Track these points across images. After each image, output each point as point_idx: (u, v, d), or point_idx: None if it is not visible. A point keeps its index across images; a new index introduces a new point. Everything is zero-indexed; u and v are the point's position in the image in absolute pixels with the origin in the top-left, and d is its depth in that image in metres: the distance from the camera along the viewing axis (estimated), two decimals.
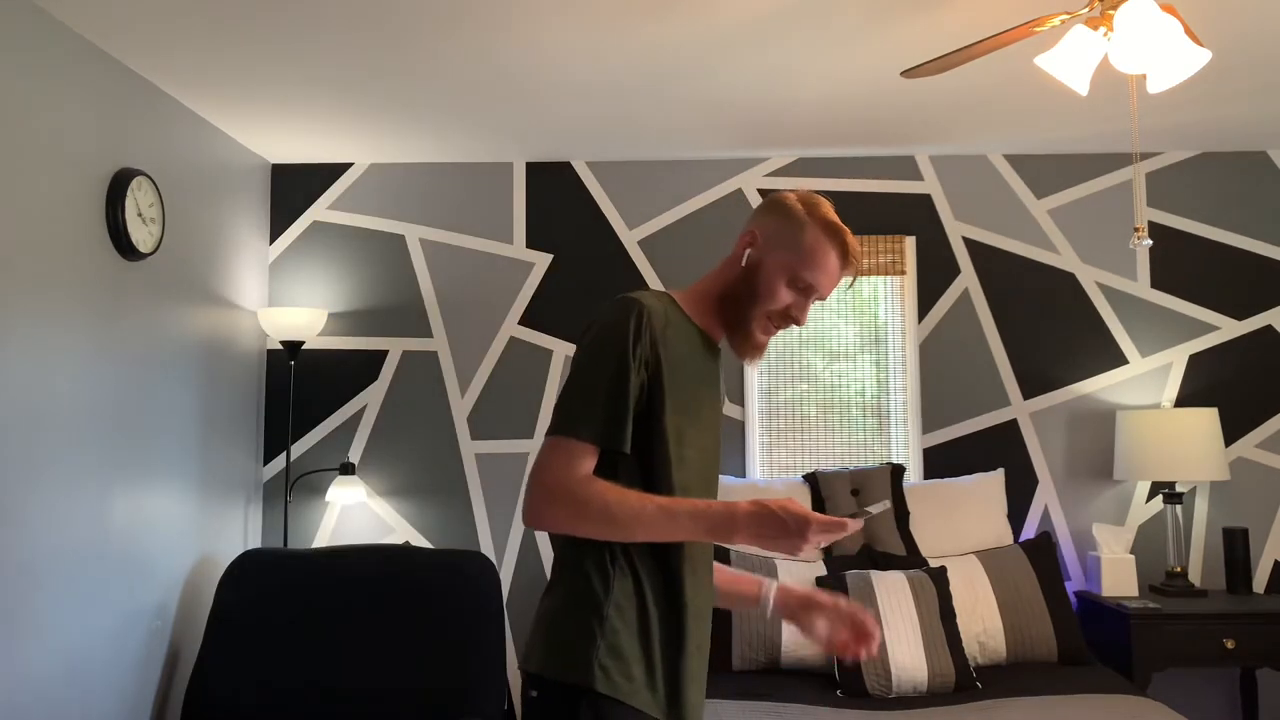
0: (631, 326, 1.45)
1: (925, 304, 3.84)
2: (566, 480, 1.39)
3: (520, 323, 3.90)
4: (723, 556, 3.30)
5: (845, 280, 1.50)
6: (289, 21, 2.64)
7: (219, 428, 3.52)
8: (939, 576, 3.12)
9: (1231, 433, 3.74)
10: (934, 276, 3.85)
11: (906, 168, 3.91)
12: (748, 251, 1.57)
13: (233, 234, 3.65)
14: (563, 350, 3.89)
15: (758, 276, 1.55)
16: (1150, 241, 2.59)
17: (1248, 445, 3.74)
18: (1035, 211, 3.87)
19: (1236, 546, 3.49)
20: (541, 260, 3.92)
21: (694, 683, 1.50)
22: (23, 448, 2.48)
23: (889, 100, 3.27)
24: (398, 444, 3.85)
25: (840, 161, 3.92)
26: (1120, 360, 3.79)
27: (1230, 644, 3.22)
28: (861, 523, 1.39)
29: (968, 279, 3.85)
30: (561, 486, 1.39)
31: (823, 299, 1.58)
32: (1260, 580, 3.69)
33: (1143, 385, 3.78)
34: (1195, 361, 3.78)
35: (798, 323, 1.57)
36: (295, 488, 3.82)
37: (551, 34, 2.73)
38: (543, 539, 3.82)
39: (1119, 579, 3.46)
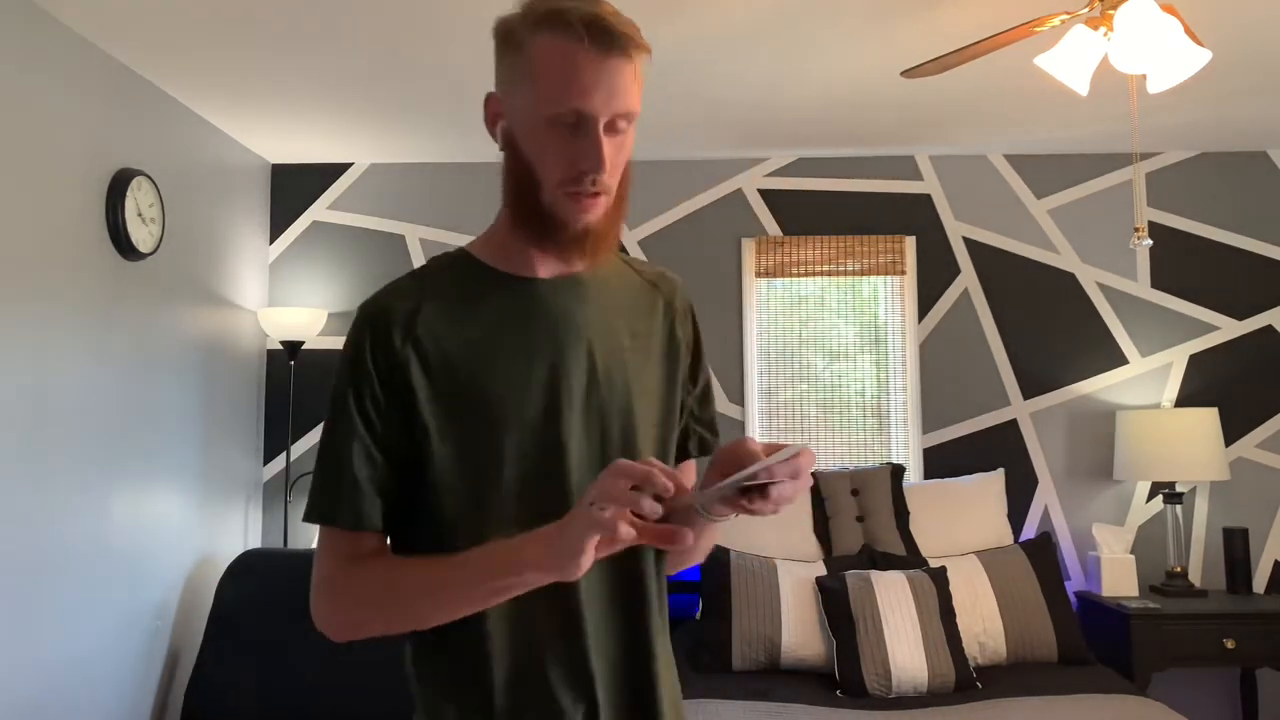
0: (348, 364, 1.07)
1: (925, 304, 3.84)
2: (325, 571, 1.07)
3: None
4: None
5: (623, 63, 1.01)
6: (289, 21, 2.64)
7: (219, 427, 3.52)
8: (939, 577, 3.12)
9: (1231, 433, 3.74)
10: (934, 276, 3.85)
11: (906, 168, 3.91)
12: (499, 126, 1.10)
13: (233, 234, 3.65)
14: None
15: (519, 147, 1.06)
16: (1150, 241, 2.59)
17: (1248, 445, 3.73)
18: (1035, 211, 3.87)
19: (1236, 546, 3.49)
20: None
21: None
22: (23, 447, 2.48)
23: (889, 100, 3.27)
24: None
25: (840, 161, 3.92)
26: (1120, 360, 3.79)
27: (1230, 644, 3.22)
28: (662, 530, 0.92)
29: (968, 279, 3.85)
30: (321, 580, 1.07)
31: (628, 116, 1.04)
32: (1260, 580, 3.69)
33: (1143, 385, 3.78)
34: (1195, 361, 3.77)
35: (596, 170, 1.02)
36: (295, 488, 3.82)
37: None
38: None
39: (1119, 579, 3.46)
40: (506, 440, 1.06)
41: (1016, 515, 3.75)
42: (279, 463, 3.86)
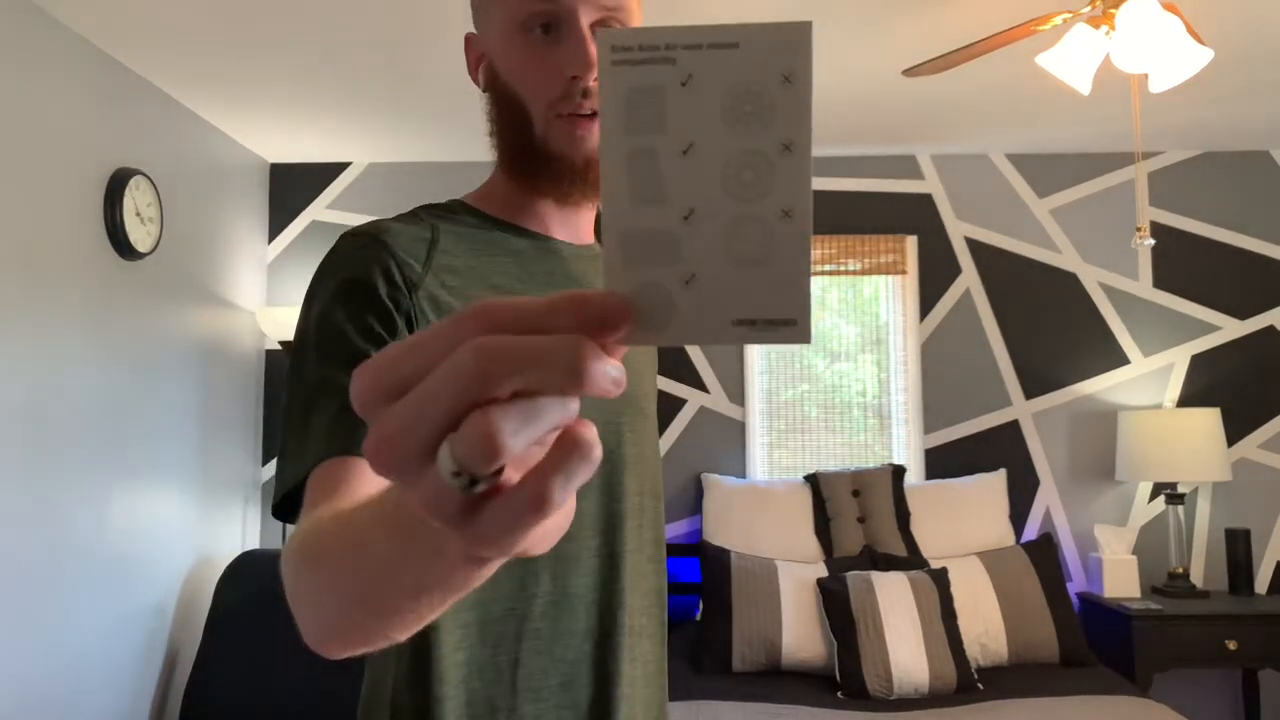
0: (342, 292, 0.79)
1: (926, 304, 3.83)
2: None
3: None
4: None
5: None
6: (288, 21, 2.63)
7: (217, 428, 3.51)
8: (940, 578, 3.11)
9: (1234, 433, 3.73)
10: (935, 276, 3.84)
11: (908, 167, 3.90)
12: (481, 69, 0.93)
13: (231, 233, 3.64)
14: None
15: (501, 78, 0.89)
16: (1152, 241, 2.58)
17: (1250, 446, 3.72)
18: (1037, 211, 3.86)
19: (1238, 547, 3.47)
20: None
21: None
22: (20, 447, 2.47)
23: (890, 99, 3.26)
24: None
25: (841, 161, 3.91)
26: (1122, 360, 3.78)
27: (1232, 645, 3.21)
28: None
29: (969, 279, 3.84)
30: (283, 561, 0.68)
31: (618, 11, 0.86)
32: (1262, 581, 3.67)
33: (1144, 385, 3.77)
34: (1197, 362, 3.76)
35: (583, 72, 0.84)
36: None
37: None
38: None
39: (1121, 580, 3.45)
40: None
41: (1018, 516, 3.74)
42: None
